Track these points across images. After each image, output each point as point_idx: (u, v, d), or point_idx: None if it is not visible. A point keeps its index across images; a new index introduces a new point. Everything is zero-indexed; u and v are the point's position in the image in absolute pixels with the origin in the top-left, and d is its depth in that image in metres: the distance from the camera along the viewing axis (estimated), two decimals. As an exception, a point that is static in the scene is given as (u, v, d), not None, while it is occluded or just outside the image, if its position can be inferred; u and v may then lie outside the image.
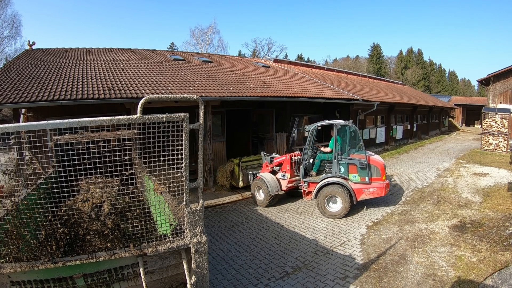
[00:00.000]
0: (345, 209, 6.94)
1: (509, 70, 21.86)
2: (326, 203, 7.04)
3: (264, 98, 10.06)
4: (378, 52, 64.93)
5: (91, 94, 7.23)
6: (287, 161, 7.88)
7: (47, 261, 2.21)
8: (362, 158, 7.04)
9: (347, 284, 4.37)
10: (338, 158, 7.09)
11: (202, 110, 2.45)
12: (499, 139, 16.79)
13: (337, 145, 7.10)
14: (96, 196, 2.71)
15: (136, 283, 2.53)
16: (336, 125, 7.16)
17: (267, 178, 7.74)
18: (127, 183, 3.72)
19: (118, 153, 2.70)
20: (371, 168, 7.02)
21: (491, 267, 4.72)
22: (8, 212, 2.60)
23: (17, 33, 34.33)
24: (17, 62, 9.92)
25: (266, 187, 7.67)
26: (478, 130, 28.54)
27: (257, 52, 52.29)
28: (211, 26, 43.26)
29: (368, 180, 7.00)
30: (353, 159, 7.08)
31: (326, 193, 7.01)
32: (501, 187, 9.41)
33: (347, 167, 7.09)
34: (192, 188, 2.54)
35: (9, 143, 3.46)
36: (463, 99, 42.96)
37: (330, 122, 7.42)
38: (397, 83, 34.61)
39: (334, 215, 6.98)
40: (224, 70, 13.08)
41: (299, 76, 16.56)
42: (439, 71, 66.97)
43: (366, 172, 6.98)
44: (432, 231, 6.15)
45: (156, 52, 14.94)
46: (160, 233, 2.67)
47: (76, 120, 2.07)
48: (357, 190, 7.00)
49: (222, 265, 4.97)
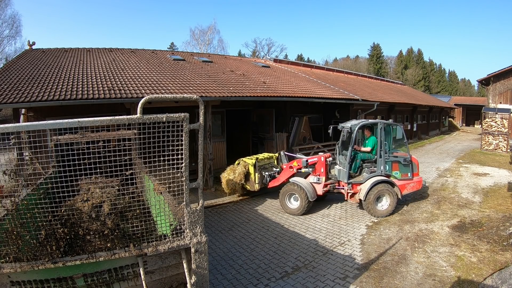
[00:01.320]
0: (393, 207, 7.04)
1: (509, 70, 21.86)
2: (375, 203, 6.99)
3: (264, 98, 10.06)
4: (378, 52, 64.92)
5: (91, 94, 7.23)
6: (322, 163, 7.40)
7: (47, 261, 2.20)
8: (405, 155, 7.44)
9: (347, 284, 4.37)
10: (385, 157, 7.19)
11: (202, 110, 2.45)
12: (499, 139, 16.79)
13: (384, 144, 7.20)
14: (96, 196, 2.71)
15: (136, 283, 2.53)
16: (381, 124, 7.25)
17: (303, 184, 7.11)
18: (127, 183, 3.72)
19: (118, 153, 2.69)
20: (412, 165, 7.39)
21: (491, 267, 4.72)
22: (8, 212, 2.60)
23: (17, 33, 34.35)
24: (17, 62, 9.92)
25: (303, 194, 7.02)
26: (478, 130, 28.53)
27: (257, 52, 52.33)
28: (211, 26, 43.30)
29: (411, 175, 7.41)
30: (398, 157, 7.39)
31: (376, 193, 6.92)
32: (501, 187, 9.41)
33: (391, 165, 7.28)
34: (192, 188, 2.54)
35: (9, 143, 3.46)
36: (463, 99, 42.96)
37: (374, 121, 7.56)
38: (397, 83, 34.62)
39: (382, 214, 6.99)
40: (224, 70, 13.09)
41: (299, 76, 16.56)
42: (439, 71, 66.96)
43: (409, 169, 7.40)
44: (432, 231, 6.15)
45: (156, 52, 14.95)
46: (160, 233, 2.67)
47: (76, 120, 2.07)
48: (401, 186, 7.23)
49: (222, 265, 4.97)
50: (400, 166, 7.33)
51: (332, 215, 7.19)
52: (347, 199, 7.33)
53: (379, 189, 6.93)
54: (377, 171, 7.19)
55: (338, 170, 7.39)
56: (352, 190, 7.24)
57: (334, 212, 7.37)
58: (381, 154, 7.16)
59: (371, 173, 7.18)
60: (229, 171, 8.19)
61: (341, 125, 7.72)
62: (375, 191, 6.90)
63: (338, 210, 7.52)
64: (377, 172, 7.18)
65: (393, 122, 7.65)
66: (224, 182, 8.19)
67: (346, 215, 7.17)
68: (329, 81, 17.34)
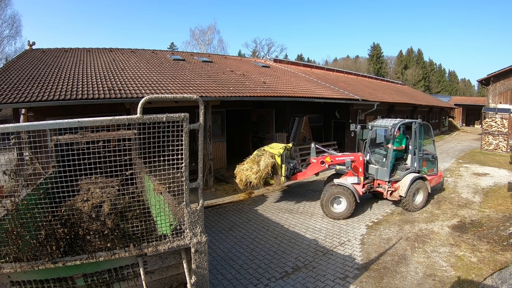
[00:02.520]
0: (425, 200, 7.48)
1: (509, 70, 21.85)
2: (413, 197, 7.26)
3: (264, 98, 10.06)
4: (378, 52, 64.90)
5: (91, 94, 7.23)
6: (361, 163, 7.26)
7: (47, 261, 2.20)
8: (432, 152, 8.11)
9: (347, 284, 4.37)
10: (419, 154, 7.52)
11: (202, 110, 2.45)
12: (499, 139, 16.79)
13: (419, 142, 7.56)
14: (96, 196, 2.70)
15: (136, 283, 2.53)
16: (416, 123, 7.58)
17: (349, 185, 6.96)
18: (127, 183, 3.72)
19: (118, 153, 2.69)
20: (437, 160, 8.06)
21: (491, 267, 4.72)
22: (8, 212, 2.60)
23: (17, 33, 34.31)
24: (17, 62, 9.92)
25: (351, 196, 6.82)
26: (478, 130, 28.52)
27: (257, 52, 52.31)
28: (211, 26, 43.25)
29: (436, 170, 8.05)
30: (428, 154, 7.97)
31: (414, 188, 7.19)
32: (501, 187, 9.41)
33: (421, 162, 7.64)
34: (192, 188, 2.54)
35: (9, 143, 3.46)
36: (463, 99, 42.94)
37: (410, 121, 7.82)
38: (397, 83, 34.61)
39: (418, 208, 7.33)
40: (224, 70, 13.09)
41: (299, 76, 16.56)
42: (439, 71, 66.94)
43: (434, 164, 8.03)
44: (432, 231, 6.15)
45: (156, 52, 14.94)
46: (160, 233, 2.67)
47: (76, 120, 2.07)
48: (430, 180, 7.65)
49: (222, 265, 4.97)
50: (427, 163, 7.83)
51: (332, 215, 7.18)
52: (387, 197, 7.36)
53: (417, 184, 7.24)
54: (411, 168, 7.47)
55: (375, 169, 7.45)
56: (392, 188, 7.34)
57: (334, 212, 7.37)
58: (415, 152, 7.47)
59: (405, 171, 7.43)
60: (250, 163, 7.19)
61: (370, 124, 7.91)
62: (414, 187, 7.18)
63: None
64: (411, 169, 7.46)
65: (422, 121, 8.00)
66: (242, 176, 7.17)
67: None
68: (329, 81, 17.34)
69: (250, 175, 7.01)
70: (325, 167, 7.33)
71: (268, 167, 7.04)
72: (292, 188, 9.62)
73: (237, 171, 7.35)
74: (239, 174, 7.22)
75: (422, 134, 7.72)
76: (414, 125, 7.48)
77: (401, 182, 7.22)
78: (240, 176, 7.19)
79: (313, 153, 7.59)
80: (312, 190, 9.34)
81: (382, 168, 7.34)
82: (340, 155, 7.46)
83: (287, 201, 8.29)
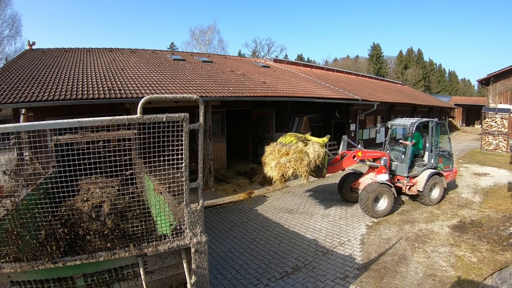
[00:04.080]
0: (441, 195, 7.82)
1: (509, 70, 21.85)
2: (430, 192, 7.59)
3: (264, 98, 10.06)
4: (378, 52, 64.90)
5: (91, 94, 7.23)
6: (388, 160, 7.56)
7: (47, 261, 2.20)
8: (447, 149, 8.43)
9: (347, 284, 4.37)
10: (435, 151, 7.88)
11: (202, 110, 2.45)
12: (499, 139, 16.79)
13: (436, 140, 7.89)
14: (96, 196, 2.71)
15: (136, 283, 2.53)
16: (433, 122, 7.89)
17: (388, 183, 7.10)
18: (127, 183, 3.72)
19: (118, 153, 2.69)
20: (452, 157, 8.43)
21: (491, 267, 4.72)
22: (8, 212, 2.60)
23: (17, 33, 34.37)
24: (17, 62, 9.92)
25: (392, 193, 6.98)
26: (478, 130, 28.52)
27: (257, 52, 52.31)
28: (211, 26, 43.25)
29: (451, 167, 8.46)
30: (444, 151, 8.29)
31: (431, 183, 7.52)
32: (501, 187, 9.41)
33: (438, 158, 7.98)
34: (192, 188, 2.54)
35: (9, 143, 3.45)
36: (463, 99, 42.94)
37: (427, 120, 8.06)
38: (397, 83, 34.60)
39: (433, 202, 7.67)
40: (224, 70, 13.08)
41: (299, 76, 16.56)
42: (439, 71, 66.94)
43: (450, 161, 8.47)
44: (432, 231, 6.15)
45: (156, 52, 14.94)
46: (160, 233, 2.67)
47: (76, 120, 2.07)
48: (446, 176, 7.95)
49: (222, 265, 4.97)
50: (443, 159, 8.21)
51: (332, 215, 7.19)
52: (405, 191, 7.67)
53: (434, 180, 7.57)
54: (428, 164, 7.78)
55: (395, 165, 7.79)
56: (410, 183, 7.62)
57: (334, 212, 7.37)
58: (431, 149, 7.82)
59: (423, 167, 7.72)
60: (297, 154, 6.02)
61: (390, 123, 8.39)
62: (431, 182, 7.51)
63: (338, 210, 7.52)
64: (428, 165, 7.75)
65: (438, 120, 8.27)
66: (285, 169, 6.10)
67: (346, 215, 7.17)
68: (329, 81, 17.34)
69: (298, 168, 5.97)
70: (356, 161, 7.33)
71: (320, 158, 6.15)
72: (292, 188, 9.62)
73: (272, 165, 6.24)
74: (279, 169, 6.12)
75: (438, 132, 8.08)
76: (431, 124, 7.83)
77: (419, 178, 7.56)
78: (281, 170, 6.11)
79: (344, 146, 7.49)
80: (312, 190, 9.34)
81: (401, 164, 7.69)
82: (371, 151, 7.76)
83: (287, 201, 8.29)
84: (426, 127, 8.02)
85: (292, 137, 6.73)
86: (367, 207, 6.85)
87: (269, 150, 6.62)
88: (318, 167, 6.36)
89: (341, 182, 8.16)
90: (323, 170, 6.58)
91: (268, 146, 6.75)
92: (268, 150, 6.67)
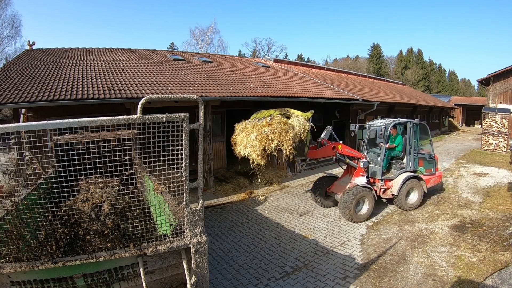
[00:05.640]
0: (420, 200, 7.48)
1: (509, 70, 21.84)
2: (406, 196, 7.33)
3: (264, 98, 10.05)
4: (378, 52, 64.89)
5: (91, 94, 7.23)
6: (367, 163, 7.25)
7: (47, 261, 2.20)
8: (429, 152, 8.08)
9: (347, 284, 4.37)
10: (414, 154, 7.61)
11: (202, 110, 2.45)
12: (499, 139, 16.78)
13: (414, 141, 7.58)
14: (96, 196, 2.70)
15: (136, 283, 2.53)
16: (411, 123, 7.57)
17: (370, 186, 6.90)
18: (127, 183, 3.72)
19: (118, 153, 2.69)
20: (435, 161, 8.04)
21: (491, 267, 4.72)
22: (8, 212, 2.60)
23: (17, 33, 34.37)
24: (17, 62, 9.92)
25: (372, 196, 6.79)
26: (478, 130, 28.53)
27: (257, 52, 52.30)
28: (211, 26, 43.24)
29: (434, 170, 8.07)
30: (425, 153, 7.91)
31: (407, 187, 7.25)
32: (501, 187, 9.41)
33: (418, 161, 7.73)
34: (192, 188, 2.54)
35: (9, 143, 3.45)
36: (463, 99, 42.94)
37: (405, 121, 7.81)
38: (397, 83, 34.61)
39: (411, 207, 7.38)
40: (224, 70, 13.08)
41: (299, 76, 16.56)
42: (439, 71, 66.93)
43: (432, 164, 8.04)
44: (432, 231, 6.15)
45: (156, 52, 14.94)
46: (160, 233, 2.67)
47: (76, 120, 2.07)
48: (426, 180, 7.66)
49: (222, 265, 4.97)
50: (424, 162, 7.90)
51: (332, 215, 7.19)
52: (380, 195, 7.38)
53: (410, 183, 7.29)
54: (406, 167, 7.53)
55: (370, 168, 7.48)
56: (385, 186, 7.39)
57: (334, 212, 7.37)
58: (410, 151, 7.54)
59: (400, 170, 7.48)
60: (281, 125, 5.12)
61: (367, 124, 8.00)
62: (407, 186, 7.24)
63: (338, 210, 7.52)
64: (406, 168, 7.52)
65: (419, 121, 8.02)
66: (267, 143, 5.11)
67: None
68: (329, 81, 17.34)
69: (283, 141, 5.04)
70: (334, 154, 6.81)
71: (305, 132, 5.38)
72: (292, 188, 9.62)
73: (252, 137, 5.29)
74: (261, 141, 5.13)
75: (418, 133, 7.78)
76: (409, 125, 7.51)
77: (394, 181, 7.35)
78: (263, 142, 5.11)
79: (327, 135, 7.00)
80: (312, 190, 9.33)
81: (376, 167, 7.42)
82: (350, 149, 7.15)
83: (287, 201, 8.29)
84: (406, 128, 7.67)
85: (270, 111, 5.83)
86: (349, 212, 6.53)
87: (240, 128, 5.79)
88: (301, 143, 5.59)
89: (315, 186, 7.76)
90: (305, 148, 5.76)
91: (239, 124, 5.82)
92: (239, 128, 5.81)
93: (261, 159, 5.21)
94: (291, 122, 5.39)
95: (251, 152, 5.23)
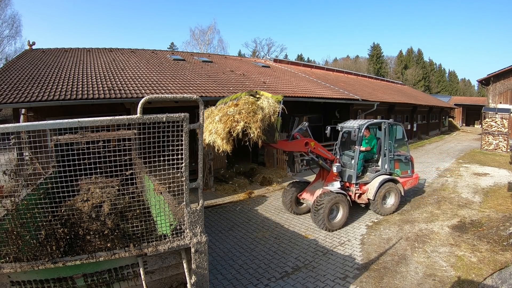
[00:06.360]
0: (397, 203, 7.22)
1: (509, 70, 21.84)
2: (382, 200, 7.05)
3: (264, 98, 10.04)
4: (378, 52, 64.90)
5: (91, 94, 7.24)
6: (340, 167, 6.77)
7: (47, 261, 2.20)
8: (405, 154, 7.84)
9: (347, 284, 4.37)
10: (389, 156, 7.30)
11: (202, 110, 2.45)
12: (499, 139, 16.79)
13: (389, 143, 7.29)
14: (96, 196, 2.71)
15: (136, 283, 2.53)
16: (385, 124, 7.25)
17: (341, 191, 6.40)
18: (127, 183, 3.72)
19: (118, 153, 2.69)
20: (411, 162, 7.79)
21: (491, 267, 4.72)
22: (8, 212, 2.60)
23: (17, 33, 34.41)
24: (17, 62, 9.92)
25: (347, 202, 6.40)
26: (478, 130, 28.53)
27: (257, 52, 52.31)
28: (211, 26, 43.25)
29: (410, 172, 7.80)
30: (400, 155, 7.66)
31: (383, 191, 6.95)
32: (501, 187, 9.41)
33: (394, 163, 7.44)
34: (192, 188, 2.54)
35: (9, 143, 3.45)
36: (463, 99, 42.96)
37: (379, 121, 7.51)
38: (397, 83, 34.62)
39: (389, 211, 7.10)
40: (224, 70, 13.09)
41: (299, 76, 16.56)
42: (439, 71, 66.96)
43: (409, 166, 7.78)
44: (432, 231, 6.15)
45: (156, 52, 14.95)
46: (160, 233, 2.67)
47: (76, 120, 2.07)
48: (403, 183, 7.42)
49: (222, 265, 4.97)
50: (400, 164, 7.60)
51: (332, 215, 7.18)
52: (355, 199, 6.97)
53: (386, 187, 7.01)
54: (381, 170, 7.23)
55: (343, 171, 7.06)
56: (360, 190, 7.05)
57: (334, 212, 7.37)
58: (385, 153, 7.22)
59: (375, 173, 7.17)
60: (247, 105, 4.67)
61: (340, 126, 7.55)
62: (383, 190, 6.95)
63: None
64: (381, 171, 7.22)
65: (393, 121, 7.77)
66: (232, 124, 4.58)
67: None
68: (329, 81, 17.34)
69: (251, 122, 4.52)
70: (306, 150, 6.28)
71: (275, 115, 4.99)
72: (292, 188, 9.60)
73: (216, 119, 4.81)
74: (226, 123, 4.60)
75: (393, 134, 7.46)
76: (384, 125, 7.17)
77: (370, 185, 6.96)
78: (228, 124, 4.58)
79: (299, 130, 6.38)
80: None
81: (350, 170, 6.99)
82: (324, 149, 6.66)
83: (287, 201, 8.28)
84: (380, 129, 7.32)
85: (237, 94, 5.45)
86: (322, 220, 6.07)
87: (205, 114, 5.20)
88: (271, 128, 4.98)
89: (285, 193, 7.28)
90: (275, 133, 5.12)
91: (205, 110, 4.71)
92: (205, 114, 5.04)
93: (226, 144, 4.63)
94: (260, 103, 4.92)
95: (216, 138, 4.68)
